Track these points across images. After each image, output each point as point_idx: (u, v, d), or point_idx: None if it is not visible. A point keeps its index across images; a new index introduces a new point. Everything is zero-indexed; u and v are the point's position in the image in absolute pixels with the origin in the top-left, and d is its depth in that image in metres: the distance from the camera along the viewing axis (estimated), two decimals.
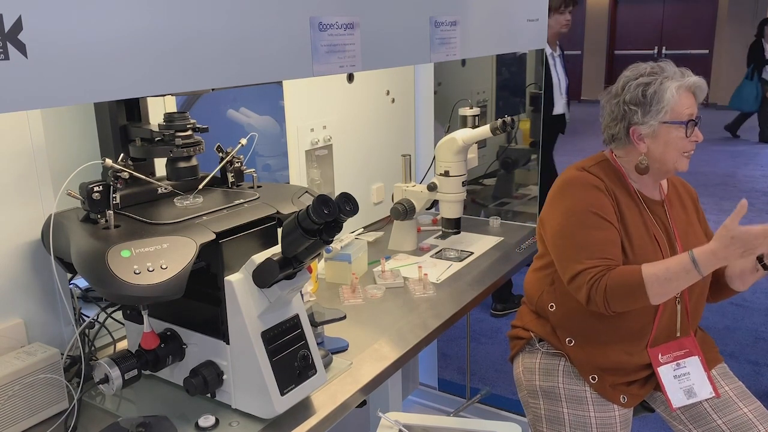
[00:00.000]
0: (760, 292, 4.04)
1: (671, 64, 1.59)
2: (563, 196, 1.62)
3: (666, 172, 1.63)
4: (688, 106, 1.55)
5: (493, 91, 3.15)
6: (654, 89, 1.54)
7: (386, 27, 1.48)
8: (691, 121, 1.55)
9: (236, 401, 1.26)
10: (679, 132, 1.55)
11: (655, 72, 1.57)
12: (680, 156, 1.58)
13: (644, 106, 1.55)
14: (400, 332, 1.62)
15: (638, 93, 1.56)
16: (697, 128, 1.57)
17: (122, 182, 1.25)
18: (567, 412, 1.63)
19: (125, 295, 1.05)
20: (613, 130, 1.62)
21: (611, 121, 1.63)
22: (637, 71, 1.60)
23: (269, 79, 1.22)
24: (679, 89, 1.54)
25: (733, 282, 1.64)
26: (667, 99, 1.53)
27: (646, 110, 1.55)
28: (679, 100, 1.54)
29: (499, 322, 3.72)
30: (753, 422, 1.59)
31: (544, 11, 2.19)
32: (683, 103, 1.55)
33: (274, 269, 1.16)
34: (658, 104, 1.54)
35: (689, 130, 1.55)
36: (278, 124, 2.05)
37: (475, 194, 3.18)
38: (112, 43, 0.94)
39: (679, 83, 1.54)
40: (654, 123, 1.55)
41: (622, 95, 1.59)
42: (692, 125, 1.56)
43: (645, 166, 1.60)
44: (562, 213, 1.59)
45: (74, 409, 1.25)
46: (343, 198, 1.12)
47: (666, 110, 1.53)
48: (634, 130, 1.58)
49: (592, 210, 1.55)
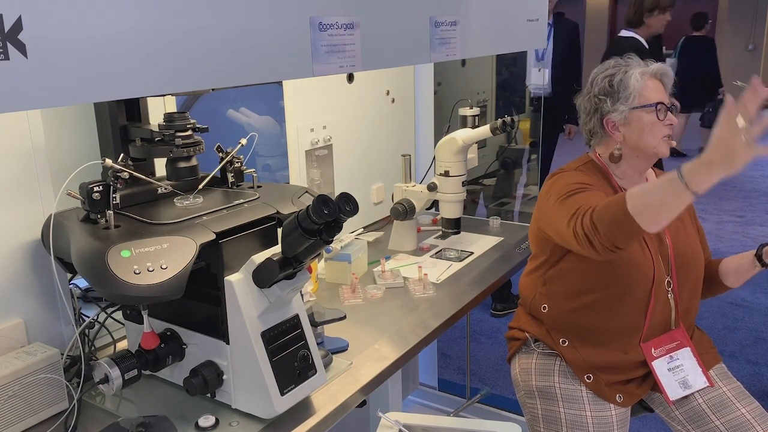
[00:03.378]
0: (760, 292, 4.04)
1: (635, 56, 1.65)
2: (550, 190, 1.62)
3: (646, 159, 1.65)
4: (656, 91, 1.60)
5: (493, 91, 3.15)
6: (620, 78, 1.61)
7: (386, 27, 1.48)
8: (660, 104, 1.58)
9: (236, 401, 1.26)
10: (650, 116, 1.58)
11: (619, 64, 1.64)
12: (659, 141, 1.60)
13: (613, 95, 1.60)
14: (400, 332, 1.62)
15: (605, 84, 1.62)
16: (669, 112, 1.60)
17: (122, 182, 1.25)
18: (563, 412, 1.63)
19: (125, 295, 1.05)
20: (589, 125, 1.68)
21: (586, 117, 1.68)
22: (604, 66, 1.67)
23: (269, 79, 1.22)
24: (643, 75, 1.60)
25: (727, 278, 1.70)
26: (633, 85, 1.58)
27: (615, 98, 1.60)
28: (644, 85, 1.59)
29: (499, 322, 3.72)
30: (751, 423, 1.60)
31: (544, 11, 2.19)
32: (649, 87, 1.59)
33: (274, 269, 1.16)
34: (626, 91, 1.59)
35: (661, 113, 1.58)
36: (278, 124, 2.06)
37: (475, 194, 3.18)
38: (112, 43, 0.94)
39: (642, 70, 1.61)
40: (624, 109, 1.59)
41: (591, 90, 1.65)
42: (663, 108, 1.58)
43: (618, 155, 1.64)
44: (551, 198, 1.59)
45: (74, 409, 1.25)
46: (343, 198, 1.12)
47: (633, 95, 1.58)
48: (608, 120, 1.62)
49: (578, 181, 1.58)
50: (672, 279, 1.62)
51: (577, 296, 1.63)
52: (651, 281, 1.58)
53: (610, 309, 1.60)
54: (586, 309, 1.62)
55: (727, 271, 1.69)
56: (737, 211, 5.56)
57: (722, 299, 3.94)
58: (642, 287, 1.58)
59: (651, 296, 1.59)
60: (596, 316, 1.61)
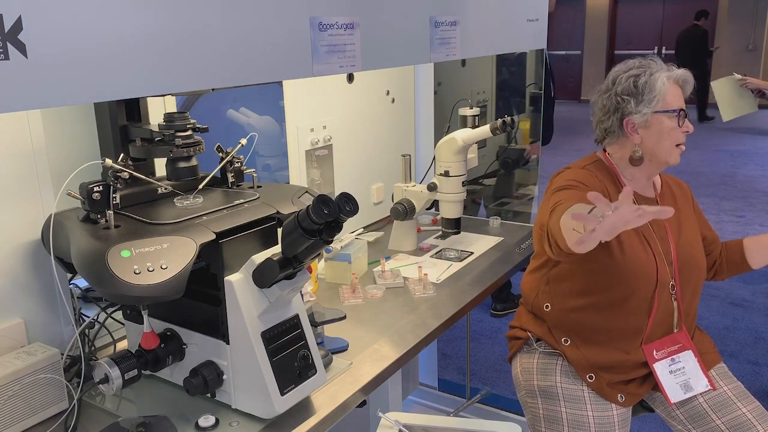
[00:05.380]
0: (759, 292, 4.04)
1: (658, 59, 1.63)
2: (550, 187, 1.62)
3: (658, 164, 1.64)
4: (677, 97, 1.59)
5: (493, 91, 3.15)
6: (645, 79, 1.58)
7: (386, 27, 1.48)
8: (681, 111, 1.58)
9: (236, 401, 1.26)
10: (671, 122, 1.57)
11: (644, 65, 1.61)
12: (673, 147, 1.59)
13: (637, 96, 1.58)
14: (400, 332, 1.62)
15: (630, 84, 1.59)
16: (687, 120, 1.60)
17: (122, 182, 1.25)
18: (565, 412, 1.63)
19: (125, 295, 1.05)
20: (606, 123, 1.64)
21: (604, 115, 1.65)
22: (627, 65, 1.64)
23: (269, 79, 1.22)
24: (669, 80, 1.58)
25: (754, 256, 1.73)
26: (658, 88, 1.57)
27: (639, 99, 1.58)
28: (669, 90, 1.57)
29: (499, 322, 3.72)
30: (752, 422, 1.60)
31: (544, 11, 2.19)
32: (672, 92, 1.58)
33: (274, 269, 1.16)
34: (650, 93, 1.57)
35: (681, 119, 1.57)
36: (278, 124, 2.06)
37: (476, 194, 3.18)
38: (112, 43, 0.94)
39: (668, 74, 1.59)
40: (647, 112, 1.57)
41: (613, 88, 1.62)
42: (683, 115, 1.58)
43: (639, 157, 1.62)
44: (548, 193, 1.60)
45: (74, 409, 1.25)
46: (343, 198, 1.12)
47: (658, 99, 1.56)
48: (628, 120, 1.60)
49: (574, 179, 1.58)
50: (675, 282, 1.62)
51: (580, 296, 1.62)
52: (654, 283, 1.58)
53: (613, 310, 1.60)
54: (589, 309, 1.61)
55: (757, 248, 1.72)
56: (737, 211, 5.56)
57: (722, 299, 3.94)
58: (646, 289, 1.58)
59: (654, 298, 1.59)
60: (599, 316, 1.61)
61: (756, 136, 8.81)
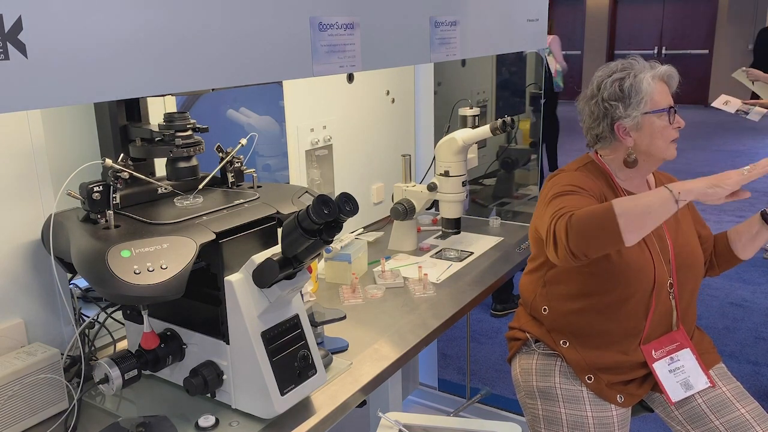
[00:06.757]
0: (760, 292, 4.04)
1: (640, 58, 1.62)
2: (547, 191, 1.62)
3: (654, 163, 1.64)
4: (664, 94, 1.59)
5: (493, 91, 3.14)
6: (630, 82, 1.57)
7: (386, 27, 1.48)
8: (671, 108, 1.58)
9: (236, 401, 1.26)
10: (662, 120, 1.57)
11: (626, 67, 1.60)
12: (667, 144, 1.59)
13: (624, 100, 1.57)
14: (400, 332, 1.62)
15: (615, 88, 1.58)
16: (677, 115, 1.59)
17: (122, 182, 1.25)
18: (564, 413, 1.63)
19: (125, 295, 1.05)
20: (597, 130, 1.63)
21: (593, 122, 1.64)
22: (609, 69, 1.62)
23: (269, 79, 1.22)
24: (653, 79, 1.57)
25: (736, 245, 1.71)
26: (645, 89, 1.56)
27: (627, 103, 1.57)
28: (655, 89, 1.57)
29: (499, 322, 3.72)
30: (750, 423, 1.59)
31: (544, 11, 2.19)
32: (659, 90, 1.57)
33: (274, 269, 1.16)
34: (638, 95, 1.56)
35: (671, 117, 1.57)
36: (278, 124, 2.06)
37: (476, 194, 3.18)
38: (112, 43, 0.94)
39: (652, 73, 1.58)
40: (637, 114, 1.56)
41: (599, 94, 1.61)
42: (673, 112, 1.58)
43: (633, 160, 1.62)
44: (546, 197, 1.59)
45: (74, 409, 1.25)
46: (343, 198, 1.12)
47: (646, 100, 1.56)
48: (619, 125, 1.59)
49: (573, 183, 1.57)
50: (673, 281, 1.62)
51: (577, 299, 1.62)
52: (652, 284, 1.58)
53: (610, 312, 1.60)
54: (587, 311, 1.61)
55: (737, 238, 1.71)
56: (737, 211, 5.56)
57: (722, 299, 3.93)
58: (643, 290, 1.58)
59: (652, 299, 1.59)
60: (597, 318, 1.61)
61: (756, 136, 8.81)
